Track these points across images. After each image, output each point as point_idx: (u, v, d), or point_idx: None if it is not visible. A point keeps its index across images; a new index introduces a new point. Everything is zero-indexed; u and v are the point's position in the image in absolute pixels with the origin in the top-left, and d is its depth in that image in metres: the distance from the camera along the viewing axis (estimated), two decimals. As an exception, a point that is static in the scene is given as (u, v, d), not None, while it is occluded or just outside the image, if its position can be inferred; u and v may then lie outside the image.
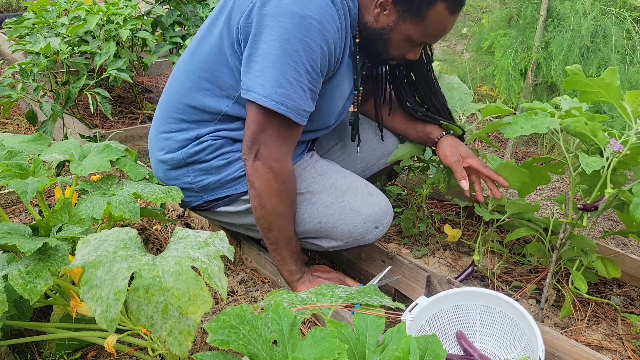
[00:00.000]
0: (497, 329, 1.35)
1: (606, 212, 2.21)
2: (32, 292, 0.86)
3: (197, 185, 1.41)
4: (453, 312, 1.37)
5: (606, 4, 2.45)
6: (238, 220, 1.48)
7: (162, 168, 1.44)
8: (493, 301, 1.33)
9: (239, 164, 1.39)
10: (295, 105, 1.22)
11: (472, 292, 1.35)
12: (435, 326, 1.34)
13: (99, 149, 1.28)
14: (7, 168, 1.14)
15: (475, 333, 1.37)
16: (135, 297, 0.75)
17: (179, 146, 1.39)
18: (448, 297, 1.35)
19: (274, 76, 1.19)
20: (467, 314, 1.37)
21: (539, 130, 1.27)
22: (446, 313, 1.36)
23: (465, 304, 1.36)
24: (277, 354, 0.74)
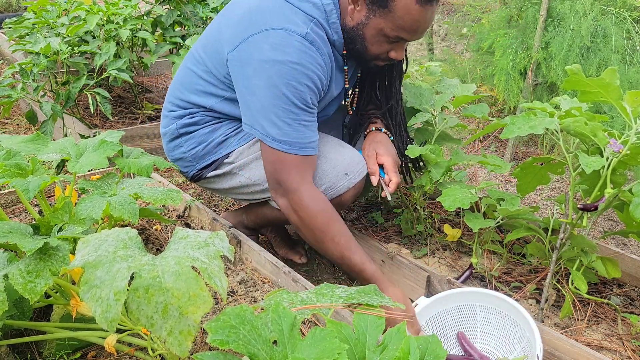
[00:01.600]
0: (497, 329, 1.35)
1: (606, 212, 2.21)
2: (33, 292, 0.86)
3: (189, 154, 1.54)
4: (453, 313, 1.38)
5: (606, 4, 2.45)
6: (225, 184, 1.56)
7: (164, 141, 1.59)
8: (493, 301, 1.34)
9: (223, 130, 1.50)
10: (298, 142, 1.32)
11: (473, 293, 1.36)
12: (436, 327, 1.35)
13: (95, 145, 1.28)
14: (5, 168, 1.14)
15: (477, 334, 1.37)
16: (135, 297, 0.75)
17: (174, 121, 1.54)
18: (448, 298, 1.36)
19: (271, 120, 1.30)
20: (468, 314, 1.37)
21: (535, 131, 1.27)
22: (446, 313, 1.37)
23: (465, 305, 1.37)
24: (277, 354, 0.74)
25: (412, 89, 1.73)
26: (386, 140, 1.56)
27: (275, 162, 1.35)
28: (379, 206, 2.02)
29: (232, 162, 1.52)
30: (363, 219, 1.93)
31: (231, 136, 1.52)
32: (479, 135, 1.53)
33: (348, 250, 1.35)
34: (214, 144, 1.52)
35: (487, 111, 1.65)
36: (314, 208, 1.35)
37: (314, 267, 1.80)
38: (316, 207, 1.35)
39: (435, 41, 3.93)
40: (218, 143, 1.52)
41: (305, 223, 1.36)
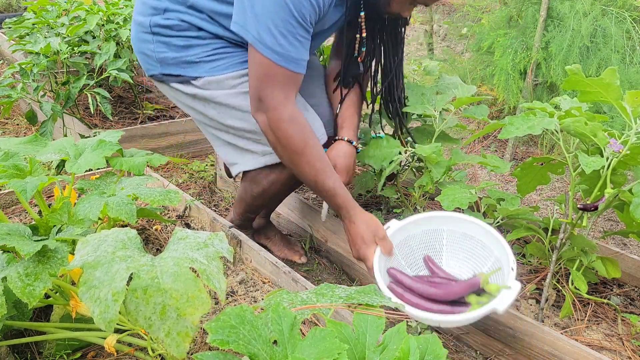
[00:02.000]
0: (464, 251, 1.39)
1: (606, 212, 2.21)
2: (31, 295, 0.86)
3: (156, 55, 1.47)
4: (421, 237, 1.41)
5: (606, 4, 2.45)
6: (187, 101, 1.53)
7: (135, 29, 1.51)
8: (461, 225, 1.38)
9: (197, 50, 1.44)
10: (290, 56, 1.27)
11: (441, 217, 1.40)
12: (404, 251, 1.41)
13: (94, 145, 1.28)
14: (4, 169, 1.14)
15: (442, 257, 1.42)
16: (133, 298, 0.75)
17: (150, 12, 1.45)
18: (417, 222, 1.40)
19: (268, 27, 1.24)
20: (435, 238, 1.42)
21: (534, 132, 1.27)
22: (415, 238, 1.41)
23: (433, 229, 1.41)
24: (277, 354, 0.74)
25: (413, 89, 1.73)
26: (349, 154, 1.54)
27: (262, 76, 1.30)
28: (379, 206, 2.02)
29: (200, 87, 1.47)
30: (363, 219, 1.93)
31: (204, 62, 1.45)
32: (478, 135, 1.53)
33: (323, 174, 1.35)
34: (184, 61, 1.46)
35: (487, 113, 1.65)
36: (293, 129, 1.32)
37: (314, 267, 1.80)
38: (295, 128, 1.32)
39: (435, 41, 3.93)
40: (189, 62, 1.46)
41: (283, 143, 1.33)
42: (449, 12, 6.10)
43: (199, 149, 2.59)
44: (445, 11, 6.24)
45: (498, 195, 1.58)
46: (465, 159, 1.62)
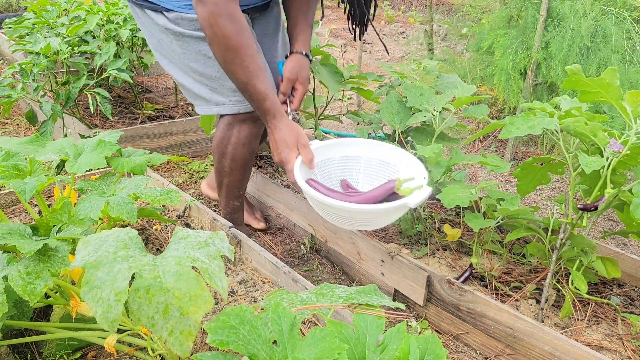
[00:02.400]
0: (379, 178, 1.45)
1: (606, 212, 2.21)
2: (32, 294, 0.86)
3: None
4: (339, 162, 1.47)
5: (606, 4, 2.45)
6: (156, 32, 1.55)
7: None
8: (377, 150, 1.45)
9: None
10: None
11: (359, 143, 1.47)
12: (323, 171, 1.46)
13: (93, 145, 1.28)
14: (3, 169, 1.14)
15: (358, 183, 1.48)
16: (136, 298, 0.75)
17: None
18: (337, 146, 1.47)
19: None
20: (352, 165, 1.47)
21: (534, 132, 1.27)
22: (334, 162, 1.47)
23: (351, 156, 1.47)
24: (277, 354, 0.74)
25: (412, 89, 1.73)
26: (307, 66, 1.61)
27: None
28: (379, 206, 2.02)
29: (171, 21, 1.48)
30: (363, 219, 1.93)
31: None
32: (478, 135, 1.53)
33: (256, 77, 1.38)
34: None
35: (487, 112, 1.65)
36: (231, 27, 1.33)
37: (314, 267, 1.80)
38: (233, 26, 1.33)
39: (435, 41, 3.93)
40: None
41: (219, 39, 1.34)
42: (449, 12, 6.10)
43: (199, 149, 2.59)
44: (445, 11, 6.24)
45: (498, 195, 1.58)
46: (465, 159, 1.62)
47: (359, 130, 1.87)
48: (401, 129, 1.74)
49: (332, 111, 3.40)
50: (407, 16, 6.78)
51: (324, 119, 2.12)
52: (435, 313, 1.51)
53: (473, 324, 1.42)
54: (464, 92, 1.65)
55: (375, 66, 4.60)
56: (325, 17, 6.57)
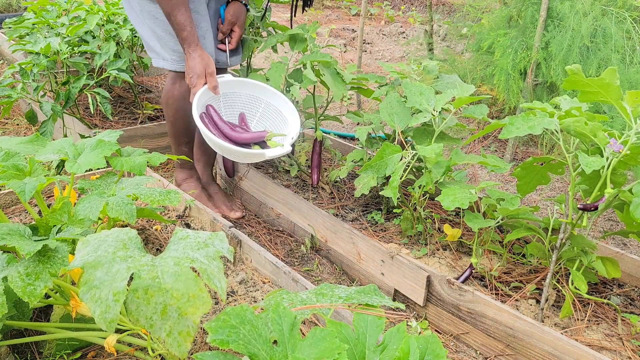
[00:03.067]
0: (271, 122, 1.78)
1: (606, 212, 2.21)
2: (32, 295, 0.86)
3: None
4: (245, 98, 1.78)
5: (606, 4, 2.45)
6: None
7: None
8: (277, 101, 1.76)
9: None
10: None
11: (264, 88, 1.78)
12: (228, 100, 1.78)
13: (93, 145, 1.27)
14: (3, 169, 1.14)
15: (254, 120, 1.81)
16: (134, 298, 0.75)
17: None
18: (245, 84, 1.77)
19: None
20: (254, 104, 1.79)
21: (534, 132, 1.27)
22: (240, 96, 1.78)
23: (256, 97, 1.79)
24: (277, 354, 0.74)
25: (412, 88, 1.73)
26: (245, 14, 1.89)
27: None
28: (379, 206, 2.02)
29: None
30: (363, 219, 1.93)
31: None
32: (478, 135, 1.53)
33: (177, 10, 1.63)
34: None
35: (487, 112, 1.65)
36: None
37: (314, 267, 1.80)
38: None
39: (435, 41, 3.93)
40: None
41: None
42: (449, 12, 6.10)
43: (199, 149, 2.59)
44: (445, 11, 6.24)
45: (498, 195, 1.58)
46: (465, 159, 1.62)
47: (358, 130, 1.87)
48: (401, 129, 1.74)
49: (332, 111, 3.40)
50: (407, 16, 6.78)
51: (324, 119, 2.12)
52: (435, 313, 1.51)
53: (473, 324, 1.42)
54: (463, 92, 1.65)
55: (375, 66, 4.60)
56: (325, 17, 6.57)
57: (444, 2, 6.74)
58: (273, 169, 2.25)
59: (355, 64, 2.55)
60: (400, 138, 1.75)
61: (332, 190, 2.09)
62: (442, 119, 1.68)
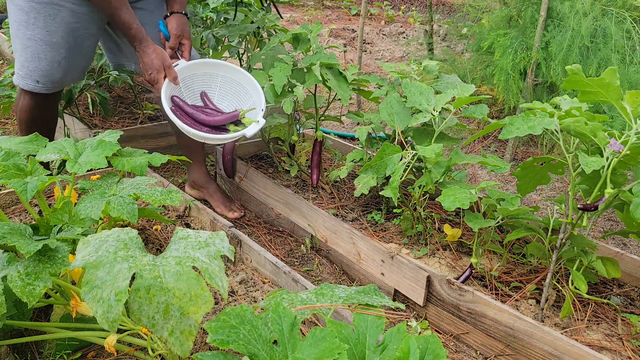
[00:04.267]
0: (231, 93, 1.84)
1: (606, 212, 2.21)
2: (31, 295, 0.86)
3: None
4: (201, 77, 1.83)
5: (606, 4, 2.45)
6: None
7: None
8: (232, 72, 1.83)
9: None
10: None
11: (218, 64, 1.84)
12: (188, 85, 1.81)
13: (94, 145, 1.28)
14: (4, 169, 1.14)
15: (215, 95, 1.85)
16: (136, 298, 0.75)
17: None
18: (200, 65, 1.82)
19: None
20: (211, 80, 1.84)
21: (534, 132, 1.27)
22: (197, 77, 1.82)
23: (211, 73, 1.84)
24: (277, 354, 0.74)
25: (412, 88, 1.73)
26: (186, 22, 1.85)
27: None
28: (379, 206, 2.02)
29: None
30: (363, 219, 1.93)
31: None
32: (478, 135, 1.53)
33: (119, 10, 1.64)
34: None
35: (487, 112, 1.65)
36: None
37: (314, 267, 1.80)
38: None
39: (435, 41, 3.93)
40: None
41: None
42: (449, 12, 6.10)
43: (199, 148, 2.59)
44: (445, 11, 6.25)
45: (498, 195, 1.58)
46: (465, 159, 1.62)
47: (358, 130, 1.87)
48: (401, 129, 1.74)
49: (332, 111, 3.40)
50: (407, 16, 6.78)
51: (325, 119, 2.12)
52: (435, 313, 1.51)
53: (473, 324, 1.42)
54: (463, 92, 1.65)
55: (375, 66, 4.60)
56: (325, 17, 6.58)
57: (444, 2, 6.74)
58: (273, 169, 2.26)
59: (355, 64, 2.55)
60: (400, 138, 1.75)
61: (332, 190, 2.09)
62: (442, 119, 1.68)
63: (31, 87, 1.77)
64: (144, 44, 1.69)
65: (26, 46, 1.72)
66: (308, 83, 1.81)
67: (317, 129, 2.03)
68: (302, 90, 1.82)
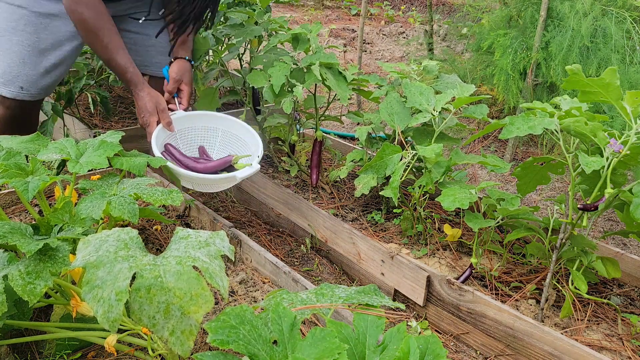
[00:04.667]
0: (231, 148, 1.78)
1: (606, 212, 2.21)
2: (32, 294, 0.86)
3: None
4: (201, 131, 1.78)
5: (606, 4, 2.45)
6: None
7: None
8: (233, 126, 1.77)
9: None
10: None
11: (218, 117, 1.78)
12: (185, 137, 1.76)
13: (95, 145, 1.28)
14: (5, 168, 1.14)
15: (214, 151, 1.81)
16: (137, 298, 0.75)
17: None
18: (198, 118, 1.77)
19: None
20: (211, 135, 1.79)
21: (534, 132, 1.27)
22: (195, 130, 1.78)
23: (211, 127, 1.78)
24: (277, 354, 0.74)
25: (412, 89, 1.73)
26: (191, 71, 1.83)
27: None
28: (379, 206, 2.02)
29: None
30: (363, 219, 1.93)
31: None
32: (478, 135, 1.53)
33: (115, 54, 1.62)
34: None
35: (487, 112, 1.65)
36: (88, 13, 1.57)
37: (314, 267, 1.80)
38: (90, 13, 1.57)
39: (435, 41, 3.93)
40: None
41: (79, 24, 1.59)
42: (449, 12, 6.10)
43: (199, 148, 2.59)
44: (445, 11, 6.24)
45: (498, 195, 1.58)
46: (465, 159, 1.62)
47: (358, 130, 1.87)
48: (401, 129, 1.74)
49: (332, 111, 3.40)
50: (407, 16, 6.78)
51: (325, 119, 2.12)
52: (435, 313, 1.51)
53: (473, 324, 1.42)
54: (463, 92, 1.65)
55: (375, 66, 4.60)
56: (325, 17, 6.57)
57: (444, 2, 6.74)
58: (273, 169, 2.25)
59: (355, 64, 2.55)
60: (400, 138, 1.75)
61: (332, 190, 2.10)
62: (442, 119, 1.68)
63: (14, 94, 1.70)
64: (139, 87, 1.66)
65: (10, 50, 1.66)
66: (307, 83, 1.81)
67: (317, 129, 2.03)
68: (302, 90, 1.82)
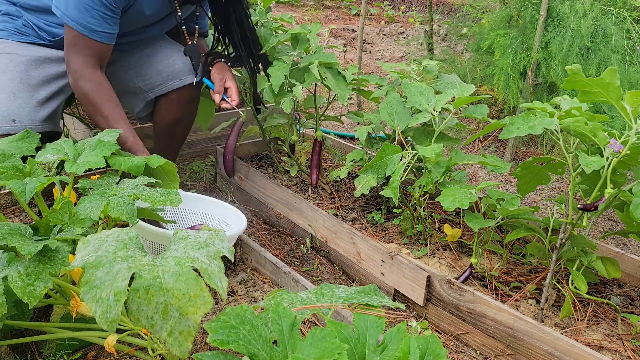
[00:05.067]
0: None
1: (606, 212, 2.21)
2: (32, 295, 0.86)
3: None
4: (196, 215, 1.78)
5: (606, 4, 2.45)
6: None
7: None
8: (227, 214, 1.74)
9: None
10: (92, 28, 1.55)
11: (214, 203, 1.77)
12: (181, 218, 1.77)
13: (92, 145, 1.27)
14: (2, 170, 1.13)
15: None
16: (135, 298, 0.75)
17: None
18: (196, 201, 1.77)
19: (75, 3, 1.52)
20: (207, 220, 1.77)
21: (534, 132, 1.27)
22: (192, 213, 1.78)
23: (206, 214, 1.77)
24: (277, 354, 0.74)
25: (412, 89, 1.73)
26: (230, 69, 1.87)
27: (69, 43, 1.59)
28: (379, 206, 2.02)
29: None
30: (363, 219, 1.93)
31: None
32: (478, 135, 1.53)
33: (115, 125, 1.63)
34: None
35: (487, 112, 1.65)
36: (88, 87, 1.61)
37: (314, 267, 1.80)
38: (91, 86, 1.61)
39: (435, 41, 3.93)
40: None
41: (81, 97, 1.64)
42: (449, 12, 6.10)
43: (199, 149, 2.59)
44: (445, 11, 6.24)
45: (498, 195, 1.58)
46: (465, 159, 1.62)
47: (358, 130, 1.87)
48: (401, 129, 1.74)
49: (332, 111, 3.40)
50: (407, 16, 6.78)
51: (325, 119, 2.12)
52: (435, 313, 1.51)
53: (473, 324, 1.42)
54: (463, 92, 1.65)
55: (375, 66, 4.60)
56: (325, 17, 6.57)
57: (444, 2, 6.74)
58: (273, 169, 2.26)
59: (355, 64, 2.55)
60: (400, 138, 1.75)
61: (332, 190, 2.09)
62: (442, 119, 1.68)
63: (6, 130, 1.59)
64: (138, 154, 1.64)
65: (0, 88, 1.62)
66: (307, 82, 1.81)
67: (317, 129, 2.03)
68: (302, 89, 1.82)
